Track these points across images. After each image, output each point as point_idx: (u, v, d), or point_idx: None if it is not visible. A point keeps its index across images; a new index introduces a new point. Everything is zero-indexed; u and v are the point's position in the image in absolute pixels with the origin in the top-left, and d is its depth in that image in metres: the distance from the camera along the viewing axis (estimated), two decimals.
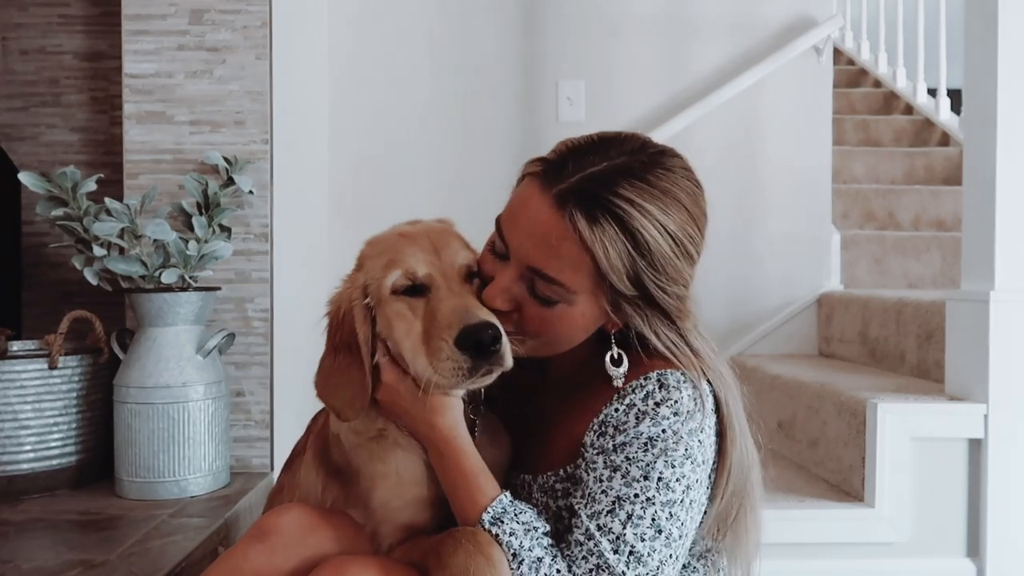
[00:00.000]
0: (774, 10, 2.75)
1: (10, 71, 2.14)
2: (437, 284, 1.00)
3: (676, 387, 0.99)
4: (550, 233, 0.96)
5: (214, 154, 1.84)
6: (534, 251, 0.98)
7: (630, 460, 0.96)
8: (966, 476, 1.74)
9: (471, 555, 0.92)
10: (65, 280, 2.13)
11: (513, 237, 1.01)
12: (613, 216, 0.94)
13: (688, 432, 0.98)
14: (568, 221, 0.95)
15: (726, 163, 2.72)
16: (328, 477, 1.12)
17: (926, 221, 3.29)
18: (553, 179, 0.97)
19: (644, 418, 0.98)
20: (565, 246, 0.96)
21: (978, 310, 1.73)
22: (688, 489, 0.97)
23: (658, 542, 0.94)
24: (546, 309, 1.00)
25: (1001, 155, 1.73)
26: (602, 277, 0.97)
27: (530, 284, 1.00)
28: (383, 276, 1.02)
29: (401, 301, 1.01)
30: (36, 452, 1.67)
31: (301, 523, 1.03)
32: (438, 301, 0.99)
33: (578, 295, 0.99)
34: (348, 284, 1.07)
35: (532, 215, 0.98)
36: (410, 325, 1.00)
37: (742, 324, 2.72)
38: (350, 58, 2.65)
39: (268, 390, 1.92)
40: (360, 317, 1.02)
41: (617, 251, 0.95)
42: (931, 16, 3.90)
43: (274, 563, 1.00)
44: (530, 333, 1.02)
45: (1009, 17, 1.72)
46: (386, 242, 1.07)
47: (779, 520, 1.72)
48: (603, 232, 0.94)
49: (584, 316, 1.01)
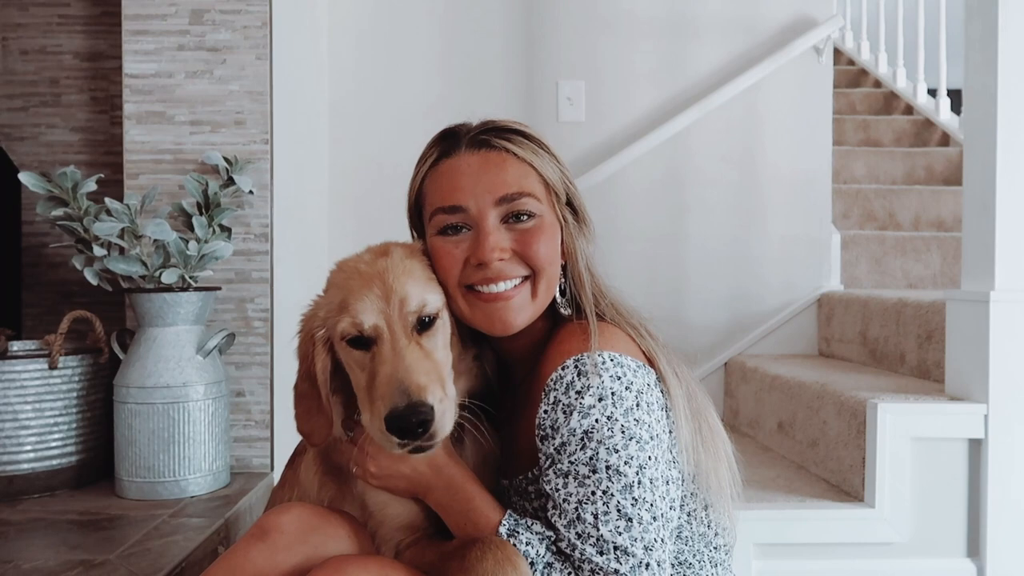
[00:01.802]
0: (774, 10, 2.75)
1: (10, 71, 2.14)
2: (383, 338, 0.97)
3: (595, 372, 0.98)
4: (491, 163, 1.08)
5: (214, 154, 1.84)
6: (491, 184, 1.06)
7: (574, 461, 0.96)
8: (966, 476, 1.74)
9: (500, 562, 0.92)
10: (65, 280, 2.13)
11: (465, 195, 1.07)
12: (522, 135, 1.10)
13: (623, 413, 0.97)
14: (499, 148, 1.08)
15: (726, 163, 2.72)
16: (325, 475, 1.12)
17: (926, 221, 3.29)
18: (454, 145, 1.11)
19: (572, 412, 0.97)
20: (509, 164, 1.08)
21: (978, 310, 1.73)
22: (643, 468, 0.96)
23: (635, 530, 0.94)
24: (530, 226, 1.07)
25: (1001, 155, 1.73)
26: (546, 184, 1.09)
27: (504, 219, 1.07)
28: (336, 319, 1.00)
29: (352, 350, 0.99)
30: (36, 452, 1.67)
31: (302, 522, 1.03)
32: (380, 362, 0.95)
33: (542, 202, 1.08)
34: (314, 310, 1.05)
35: (466, 168, 1.08)
36: (358, 375, 0.99)
37: (742, 324, 2.72)
38: (350, 58, 2.66)
39: (268, 390, 1.92)
40: (321, 350, 1.02)
41: (544, 160, 1.10)
42: (931, 16, 3.90)
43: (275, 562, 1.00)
44: (534, 265, 1.07)
45: (1009, 17, 1.72)
46: (346, 275, 1.03)
47: (779, 520, 1.72)
48: (525, 147, 1.09)
49: (552, 228, 1.09)
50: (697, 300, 2.70)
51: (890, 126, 4.04)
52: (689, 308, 2.69)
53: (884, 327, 2.30)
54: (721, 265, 2.71)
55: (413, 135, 2.66)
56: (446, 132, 1.14)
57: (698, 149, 2.71)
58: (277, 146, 1.95)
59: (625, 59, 2.71)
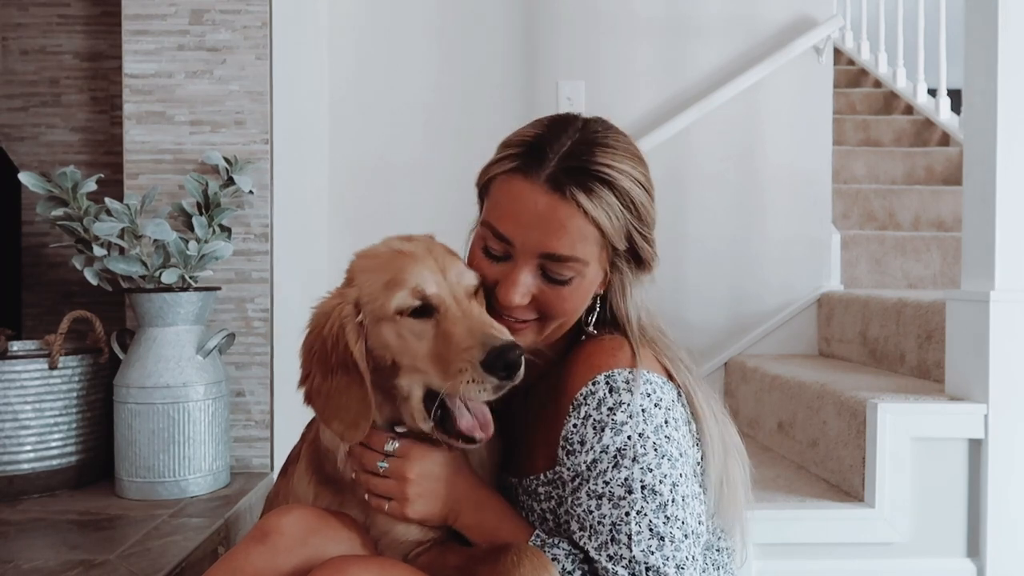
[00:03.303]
0: (774, 10, 2.75)
1: (10, 71, 2.14)
2: (447, 304, 0.99)
3: (627, 389, 0.98)
4: (556, 216, 1.00)
5: (214, 154, 1.84)
6: (544, 238, 1.01)
7: (608, 482, 0.96)
8: (966, 476, 1.74)
9: (537, 568, 0.92)
10: (65, 280, 2.13)
11: (517, 233, 1.02)
12: (603, 182, 1.01)
13: (654, 430, 0.97)
14: (570, 198, 1.00)
15: (726, 163, 2.72)
16: (320, 486, 1.12)
17: (926, 221, 3.29)
18: (535, 168, 1.02)
19: (604, 428, 0.97)
20: (573, 223, 1.00)
21: (978, 310, 1.73)
22: (675, 486, 0.96)
23: (667, 548, 0.93)
24: (563, 288, 1.04)
25: (1001, 155, 1.72)
26: (606, 241, 1.03)
27: (543, 270, 1.03)
28: (385, 296, 0.99)
29: (406, 322, 0.99)
30: (36, 452, 1.67)
31: (303, 524, 1.03)
32: (451, 323, 0.97)
33: (589, 265, 1.04)
34: (337, 299, 1.03)
35: (531, 207, 1.01)
36: (417, 347, 0.99)
37: (742, 324, 2.72)
38: (350, 58, 2.65)
39: (268, 390, 1.92)
40: (353, 336, 1.00)
41: (615, 212, 1.02)
42: (931, 16, 3.90)
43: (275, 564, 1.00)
44: (550, 316, 1.05)
45: (1009, 17, 1.72)
46: (383, 258, 1.04)
47: (779, 520, 1.72)
48: (600, 199, 1.01)
49: (592, 283, 1.07)
50: (697, 300, 2.70)
51: (890, 126, 4.04)
52: (689, 308, 2.69)
53: (884, 327, 2.30)
54: (721, 265, 2.71)
55: (413, 135, 2.70)
56: (535, 144, 1.04)
57: (698, 149, 2.71)
58: (277, 146, 1.95)
59: (625, 59, 2.71)
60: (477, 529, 1.04)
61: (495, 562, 0.94)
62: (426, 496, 1.03)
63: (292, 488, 1.15)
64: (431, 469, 1.04)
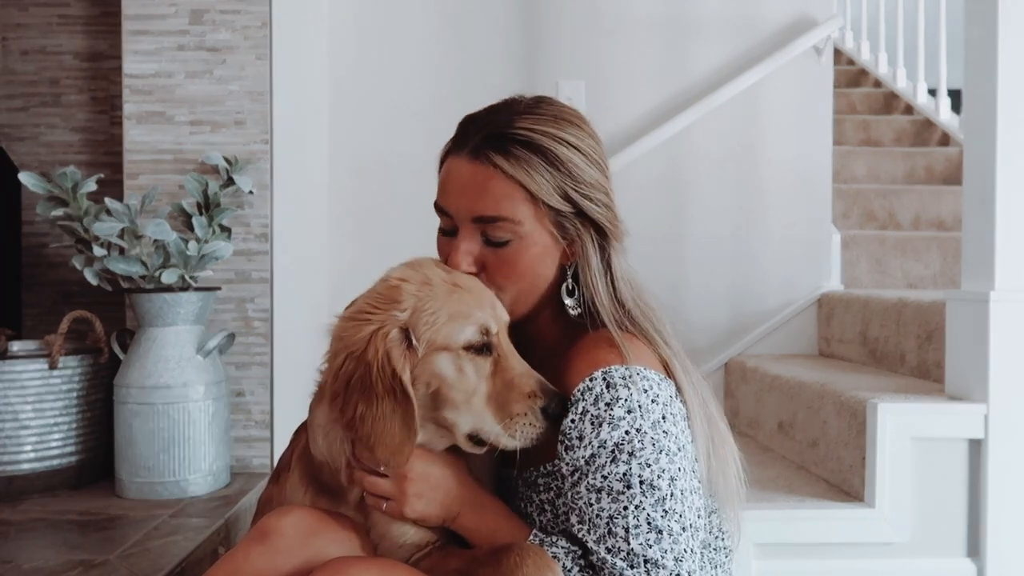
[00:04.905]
0: (774, 10, 2.75)
1: (10, 71, 2.14)
2: (502, 348, 1.03)
3: (624, 384, 0.99)
4: (476, 180, 1.06)
5: (214, 154, 1.84)
6: (471, 203, 1.06)
7: (606, 476, 0.96)
8: (966, 476, 1.74)
9: (540, 568, 0.93)
10: (65, 280, 2.13)
11: (450, 203, 1.09)
12: (521, 142, 1.05)
13: (651, 425, 0.97)
14: (487, 162, 1.05)
15: (726, 163, 2.72)
16: (317, 495, 1.11)
17: (926, 221, 3.29)
18: (462, 144, 1.09)
19: (601, 423, 0.98)
20: (494, 183, 1.05)
21: (978, 310, 1.73)
22: (674, 480, 0.97)
23: (665, 542, 0.94)
24: (504, 250, 1.07)
25: (1001, 155, 1.72)
26: (535, 199, 1.05)
27: (483, 235, 1.07)
28: (450, 327, 1.00)
29: (469, 356, 1.01)
30: (36, 452, 1.67)
31: (303, 525, 1.02)
32: (507, 365, 1.02)
33: (523, 225, 1.06)
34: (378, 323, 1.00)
35: (457, 178, 1.08)
36: (473, 383, 1.00)
37: (742, 324, 2.72)
38: (350, 58, 2.65)
39: (268, 390, 1.92)
40: (401, 362, 0.98)
41: (537, 170, 1.05)
42: (931, 16, 3.90)
43: (275, 565, 0.99)
44: (502, 284, 1.08)
45: (1009, 17, 1.72)
46: (441, 288, 1.03)
47: (779, 520, 1.72)
48: (517, 159, 1.05)
49: (538, 245, 1.08)
50: (697, 300, 2.70)
51: (890, 126, 4.04)
52: (689, 308, 2.69)
53: (884, 327, 2.30)
54: (721, 264, 2.71)
55: (413, 135, 2.70)
56: (466, 121, 1.12)
57: (698, 149, 2.71)
58: (277, 146, 1.95)
59: (625, 59, 2.71)
60: (476, 530, 1.04)
61: (497, 563, 0.94)
62: (425, 496, 1.03)
63: (286, 496, 1.14)
64: (430, 469, 1.04)
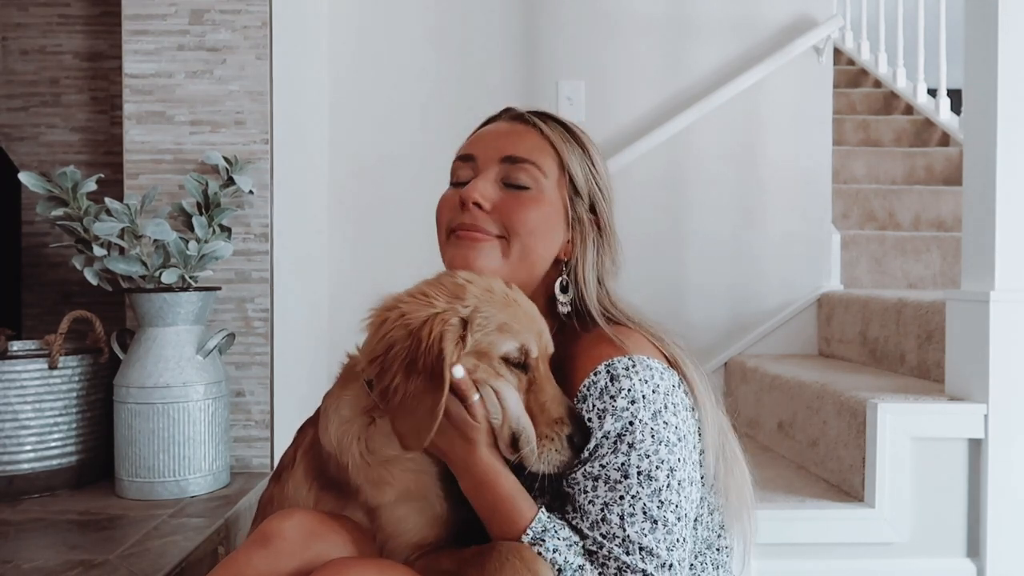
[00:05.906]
0: (774, 10, 2.75)
1: (10, 71, 2.14)
2: (538, 368, 1.02)
3: (626, 376, 1.00)
4: (514, 130, 1.13)
5: (214, 154, 1.84)
6: (504, 144, 1.11)
7: (605, 465, 0.97)
8: (966, 476, 1.74)
9: (518, 571, 0.92)
10: (65, 280, 2.13)
11: (479, 148, 1.13)
12: (559, 122, 1.14)
13: (651, 416, 0.98)
14: (527, 123, 1.13)
15: (726, 163, 2.72)
16: (321, 492, 1.10)
17: (926, 221, 3.29)
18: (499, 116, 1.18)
19: (605, 415, 0.99)
20: (529, 136, 1.11)
21: (978, 310, 1.73)
22: (672, 472, 0.97)
23: (659, 531, 0.96)
24: (523, 194, 1.09)
25: (1001, 155, 1.72)
26: (563, 166, 1.11)
27: (504, 177, 1.10)
28: (495, 336, 0.99)
29: (508, 368, 1.01)
30: (36, 452, 1.67)
31: (304, 528, 1.02)
32: (541, 388, 1.01)
33: (547, 178, 1.10)
34: (441, 307, 1.00)
35: (493, 130, 1.15)
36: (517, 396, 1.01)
37: (742, 324, 2.72)
38: (350, 58, 2.66)
39: (268, 390, 1.92)
40: (451, 347, 0.97)
41: (570, 145, 1.12)
42: (931, 16, 3.90)
43: (277, 568, 0.99)
44: (511, 226, 1.08)
45: (1009, 17, 1.72)
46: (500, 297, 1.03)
47: (779, 520, 1.72)
48: (555, 130, 1.12)
49: (552, 207, 1.10)
50: (697, 300, 2.70)
51: (890, 126, 4.04)
52: (689, 308, 2.70)
53: (884, 327, 2.30)
54: (721, 264, 2.71)
55: (414, 135, 2.70)
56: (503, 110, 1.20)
57: (698, 149, 2.71)
58: (277, 146, 1.95)
59: (625, 59, 2.71)
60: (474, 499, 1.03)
61: (481, 567, 0.94)
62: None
63: (288, 495, 1.13)
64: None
